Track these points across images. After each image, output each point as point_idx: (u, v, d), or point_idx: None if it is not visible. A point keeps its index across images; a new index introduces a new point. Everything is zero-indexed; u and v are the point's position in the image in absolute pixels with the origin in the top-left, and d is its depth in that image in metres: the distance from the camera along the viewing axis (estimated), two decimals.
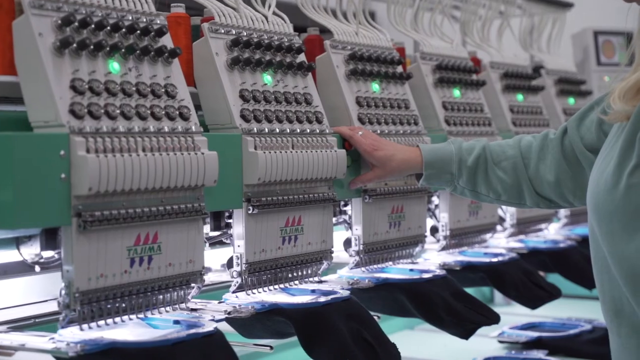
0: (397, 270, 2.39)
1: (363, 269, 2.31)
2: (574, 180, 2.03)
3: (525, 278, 2.69)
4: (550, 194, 2.09)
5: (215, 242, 1.99)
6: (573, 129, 2.03)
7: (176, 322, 1.73)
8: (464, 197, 2.20)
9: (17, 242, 1.61)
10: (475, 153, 2.13)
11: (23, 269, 2.07)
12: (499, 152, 2.13)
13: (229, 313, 1.83)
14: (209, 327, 1.68)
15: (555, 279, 2.96)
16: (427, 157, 2.14)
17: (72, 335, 1.57)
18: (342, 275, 2.29)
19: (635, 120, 1.71)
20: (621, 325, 1.78)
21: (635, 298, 1.69)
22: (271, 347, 1.97)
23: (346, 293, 2.04)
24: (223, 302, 1.92)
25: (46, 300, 2.04)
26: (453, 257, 2.66)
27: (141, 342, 1.58)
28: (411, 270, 2.41)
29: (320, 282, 2.13)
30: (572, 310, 3.37)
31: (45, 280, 2.06)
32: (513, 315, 3.26)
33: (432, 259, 2.60)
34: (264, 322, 1.94)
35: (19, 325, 1.85)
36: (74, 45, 1.55)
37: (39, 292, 2.05)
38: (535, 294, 2.67)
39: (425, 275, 2.34)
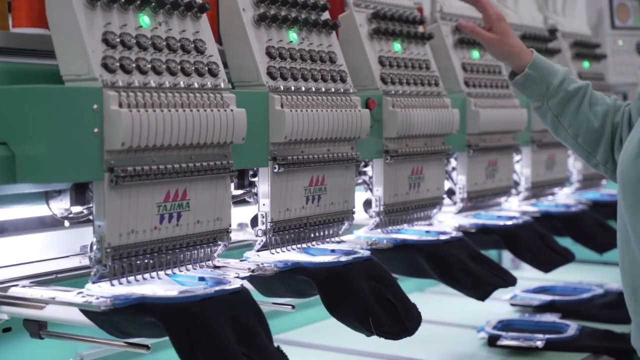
0: (413, 232, 2.39)
1: (380, 230, 2.31)
2: None
3: (540, 241, 2.69)
4: None
5: (237, 201, 1.99)
6: None
7: (201, 279, 1.73)
8: (544, 121, 2.15)
9: (46, 197, 1.60)
10: (579, 84, 2.11)
11: (36, 225, 2.08)
12: (598, 96, 2.11)
13: (252, 271, 1.82)
14: (236, 284, 1.68)
15: (564, 243, 2.96)
16: (536, 58, 2.11)
17: (100, 290, 1.57)
18: (359, 235, 2.29)
19: None
20: (637, 303, 1.79)
21: None
22: (293, 307, 1.97)
23: (367, 253, 2.04)
24: (245, 260, 1.92)
25: (67, 256, 2.04)
26: (467, 220, 2.66)
27: (170, 297, 1.57)
28: (427, 231, 2.41)
29: (340, 242, 2.13)
30: (582, 275, 3.39)
31: (64, 237, 2.06)
32: (521, 279, 3.26)
33: (446, 221, 2.60)
34: (286, 281, 1.94)
35: (41, 280, 1.85)
36: None
37: (58, 247, 2.05)
38: (549, 258, 2.68)
39: (443, 237, 2.34)
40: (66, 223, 1.64)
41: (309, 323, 2.72)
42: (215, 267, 1.79)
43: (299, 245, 2.00)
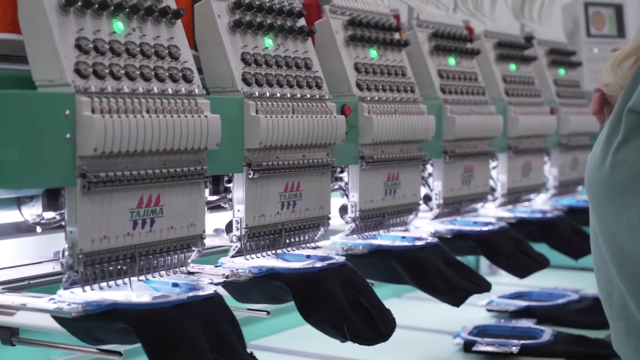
0: (389, 238, 2.39)
1: (356, 236, 2.31)
2: None
3: (515, 247, 2.71)
4: None
5: (213, 207, 1.99)
6: None
7: (175, 285, 1.73)
8: None
9: (18, 203, 1.59)
10: None
11: (8, 231, 2.06)
12: None
13: (227, 277, 1.82)
14: (209, 290, 1.68)
15: (540, 249, 2.98)
16: None
17: (72, 296, 1.57)
18: (335, 241, 2.30)
19: (623, 94, 1.69)
20: (612, 307, 1.80)
21: (622, 277, 1.70)
22: (268, 312, 1.97)
23: (342, 259, 2.04)
24: (219, 266, 1.92)
25: (41, 262, 2.02)
26: (443, 225, 2.67)
27: (142, 303, 1.57)
28: (403, 237, 2.41)
29: (315, 248, 2.13)
30: (558, 280, 3.41)
31: (37, 242, 2.04)
32: (498, 284, 3.28)
33: (422, 227, 2.61)
34: (261, 287, 1.94)
35: (13, 286, 1.83)
36: (79, 3, 1.52)
37: (30, 254, 2.04)
38: (524, 264, 2.69)
39: (419, 243, 2.35)
40: (38, 229, 1.63)
41: (284, 329, 2.72)
42: (190, 273, 1.78)
43: (274, 251, 2.00)
